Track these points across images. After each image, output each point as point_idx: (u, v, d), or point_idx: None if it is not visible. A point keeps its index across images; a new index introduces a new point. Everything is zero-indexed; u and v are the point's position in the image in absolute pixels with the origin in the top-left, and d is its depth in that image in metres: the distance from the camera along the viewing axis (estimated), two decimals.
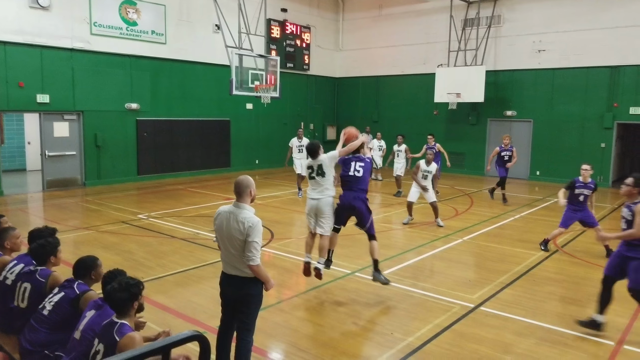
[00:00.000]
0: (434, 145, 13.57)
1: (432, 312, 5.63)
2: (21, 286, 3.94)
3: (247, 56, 14.41)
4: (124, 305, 3.20)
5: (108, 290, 3.23)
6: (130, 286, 3.22)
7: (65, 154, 13.99)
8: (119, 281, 3.25)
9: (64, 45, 13.51)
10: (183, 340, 1.65)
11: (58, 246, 4.24)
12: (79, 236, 8.84)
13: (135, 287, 3.23)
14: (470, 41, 17.90)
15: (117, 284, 3.22)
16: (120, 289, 3.19)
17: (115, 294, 3.18)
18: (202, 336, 1.72)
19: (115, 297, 3.18)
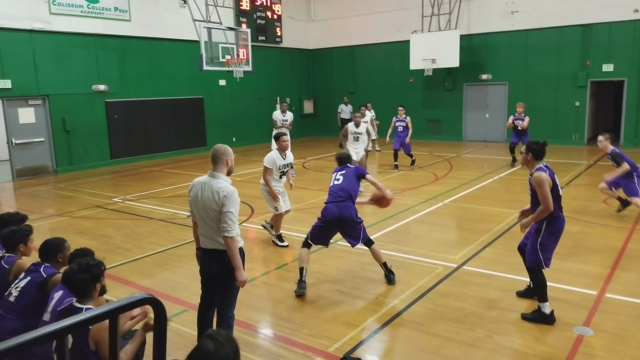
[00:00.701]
0: (404, 117, 12.78)
1: (415, 275, 5.63)
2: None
3: (216, 29, 13.96)
4: (85, 287, 3.00)
5: (66, 273, 3.03)
6: (90, 267, 3.03)
7: (33, 141, 13.50)
8: (77, 262, 3.06)
9: (22, 26, 12.88)
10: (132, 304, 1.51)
11: (30, 234, 4.08)
12: (53, 223, 8.59)
13: (96, 268, 3.05)
14: (443, 5, 17.68)
15: (76, 266, 3.02)
16: (80, 271, 2.99)
17: (75, 275, 2.97)
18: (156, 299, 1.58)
19: (75, 279, 2.97)
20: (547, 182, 4.34)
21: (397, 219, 7.98)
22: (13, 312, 3.48)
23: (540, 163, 4.50)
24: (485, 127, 17.88)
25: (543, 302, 4.43)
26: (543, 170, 4.40)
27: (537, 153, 4.50)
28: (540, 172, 4.39)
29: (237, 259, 3.66)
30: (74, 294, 3.05)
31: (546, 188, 4.32)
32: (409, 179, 11.36)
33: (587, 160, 13.38)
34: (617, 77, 15.40)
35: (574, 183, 10.43)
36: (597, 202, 8.64)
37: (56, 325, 1.32)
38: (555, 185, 4.42)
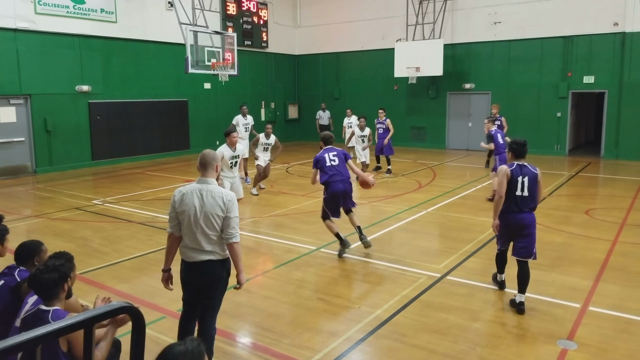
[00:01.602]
0: (384, 120, 13.09)
1: (398, 284, 5.61)
2: None
3: (202, 33, 13.85)
4: (54, 287, 2.93)
5: (34, 274, 2.95)
6: (58, 266, 2.98)
7: (13, 141, 13.20)
8: (44, 263, 3.01)
9: (6, 25, 12.65)
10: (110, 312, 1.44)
11: (6, 234, 3.93)
12: (30, 224, 8.38)
13: (63, 267, 3.01)
14: (427, 15, 17.86)
15: (43, 267, 2.97)
16: (48, 270, 2.94)
17: (43, 276, 2.92)
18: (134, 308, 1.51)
19: (43, 279, 2.91)
20: (504, 173, 4.94)
21: (381, 227, 7.97)
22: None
23: (519, 161, 5.02)
24: (468, 135, 18.05)
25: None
26: (510, 166, 4.98)
27: (516, 152, 5.06)
28: (503, 165, 5.03)
29: (241, 263, 3.66)
30: (41, 296, 2.97)
31: (501, 177, 4.95)
32: (393, 186, 11.39)
33: (569, 171, 13.58)
34: (598, 88, 15.69)
35: (556, 194, 10.55)
36: (579, 213, 8.75)
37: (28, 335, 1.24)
38: (513, 181, 4.90)
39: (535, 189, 4.96)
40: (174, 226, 3.69)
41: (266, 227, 8.16)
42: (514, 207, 4.94)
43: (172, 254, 3.82)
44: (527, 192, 4.91)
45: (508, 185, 4.92)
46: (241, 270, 3.68)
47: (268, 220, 8.62)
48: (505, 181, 4.92)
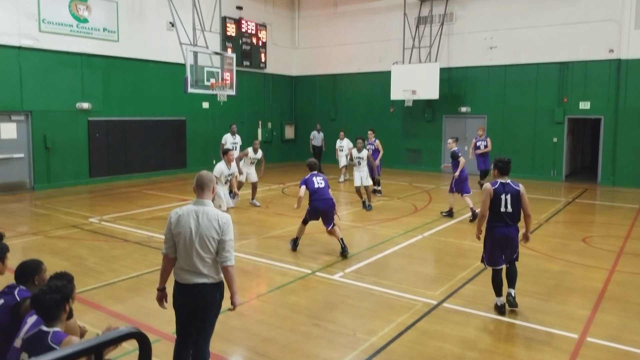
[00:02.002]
0: (373, 141, 13.38)
1: (394, 310, 5.60)
2: None
3: (202, 53, 14.06)
4: (56, 308, 2.96)
5: (36, 295, 2.98)
6: (60, 287, 3.01)
7: (13, 157, 13.24)
8: (46, 284, 3.04)
9: (10, 42, 12.81)
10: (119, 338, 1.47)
11: (6, 252, 3.95)
12: (27, 242, 8.36)
13: (65, 288, 3.04)
14: (424, 38, 18.16)
15: (45, 287, 3.00)
16: (51, 291, 2.97)
17: (45, 296, 2.94)
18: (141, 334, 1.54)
19: (46, 300, 2.93)
20: (487, 193, 5.36)
21: (376, 251, 7.98)
22: None
23: (502, 178, 5.42)
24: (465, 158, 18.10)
25: None
26: (493, 184, 5.38)
27: (501, 169, 5.47)
28: (487, 184, 5.42)
29: (235, 285, 3.69)
30: (43, 317, 2.98)
31: (485, 197, 5.39)
32: (388, 209, 11.42)
33: (566, 197, 13.65)
34: (594, 114, 15.86)
35: (553, 220, 10.58)
36: (576, 241, 8.75)
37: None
38: (496, 199, 5.30)
39: (519, 204, 5.32)
40: (169, 247, 3.70)
41: (261, 248, 8.16)
42: (500, 223, 5.34)
43: (167, 274, 3.84)
44: (510, 208, 5.31)
45: (493, 203, 5.31)
46: (235, 293, 3.71)
47: (263, 241, 8.62)
48: (489, 200, 5.33)
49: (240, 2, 19.06)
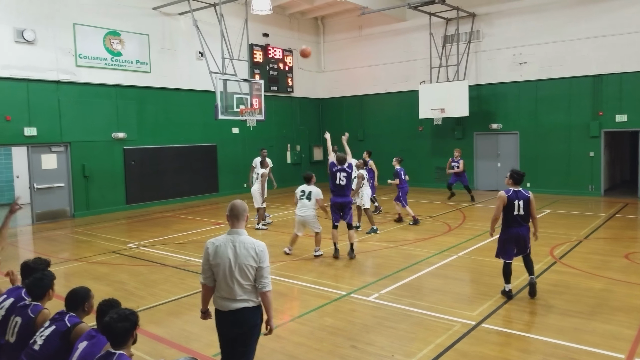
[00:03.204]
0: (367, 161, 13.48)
1: (432, 332, 5.53)
2: (13, 320, 3.80)
3: (231, 81, 14.46)
4: (125, 335, 3.16)
5: (107, 322, 3.15)
6: (129, 315, 3.21)
7: (54, 186, 13.80)
8: (116, 312, 3.21)
9: (49, 77, 13.46)
10: None
11: (54, 279, 4.14)
12: (70, 268, 8.64)
13: (133, 316, 3.23)
14: (451, 57, 18.18)
15: (115, 315, 3.18)
16: (121, 319, 3.16)
17: (116, 324, 3.13)
18: None
19: (117, 327, 3.13)
20: (501, 200, 6.34)
21: (411, 271, 7.90)
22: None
23: (515, 187, 6.39)
24: (497, 176, 17.88)
25: None
26: (506, 192, 6.36)
27: (515, 179, 6.42)
28: (502, 192, 6.40)
29: (272, 309, 3.80)
30: (113, 342, 3.15)
31: (499, 203, 6.37)
32: (421, 229, 11.32)
33: (605, 212, 13.22)
34: (632, 127, 15.42)
35: (593, 237, 10.25)
36: (618, 257, 8.45)
37: None
38: (510, 205, 6.29)
39: (528, 208, 6.31)
40: (207, 277, 3.78)
41: (295, 270, 8.19)
42: (514, 224, 6.34)
43: (208, 300, 3.94)
44: (522, 212, 6.31)
45: (507, 208, 6.31)
46: (272, 317, 3.80)
47: (297, 263, 8.66)
48: (502, 205, 6.33)
49: (267, 29, 19.58)
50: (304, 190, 8.83)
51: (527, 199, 6.33)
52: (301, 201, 8.79)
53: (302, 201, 8.78)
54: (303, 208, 8.76)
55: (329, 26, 21.95)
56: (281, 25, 20.30)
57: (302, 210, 8.77)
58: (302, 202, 8.78)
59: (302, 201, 8.78)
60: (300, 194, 8.81)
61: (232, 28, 15.22)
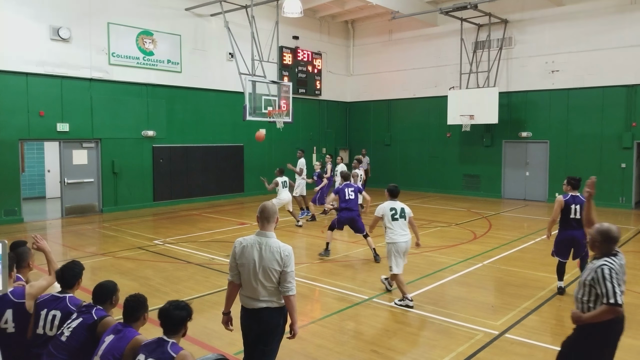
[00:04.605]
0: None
1: (454, 340, 5.45)
2: (48, 314, 3.88)
3: (260, 82, 14.59)
4: (180, 324, 3.32)
5: (166, 309, 3.32)
6: (185, 305, 3.38)
7: (84, 181, 14.17)
8: (171, 302, 3.39)
9: (83, 75, 13.83)
10: None
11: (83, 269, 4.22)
12: (96, 262, 8.84)
13: (188, 307, 3.41)
14: (481, 63, 17.94)
15: (171, 304, 3.36)
16: (178, 308, 3.33)
17: (174, 311, 3.31)
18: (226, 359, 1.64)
19: (174, 314, 3.29)
20: (559, 204, 6.80)
21: (434, 278, 7.82)
22: (64, 351, 3.54)
23: (573, 192, 6.79)
24: (526, 185, 17.57)
25: None
26: (564, 197, 6.80)
27: (573, 185, 6.86)
28: (560, 196, 6.85)
29: (296, 313, 3.81)
30: (168, 329, 3.30)
31: (557, 206, 6.82)
32: (446, 236, 11.19)
33: (636, 225, 12.84)
34: None
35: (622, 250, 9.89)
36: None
37: None
38: (567, 209, 6.75)
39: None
40: (234, 275, 3.82)
41: (318, 273, 8.20)
42: (570, 227, 6.77)
43: (232, 299, 3.96)
44: (578, 215, 6.64)
45: (564, 211, 6.74)
46: (296, 321, 3.81)
47: (320, 266, 8.67)
48: (559, 208, 6.75)
49: (297, 32, 19.70)
50: (394, 207, 6.63)
51: (583, 203, 6.20)
52: (396, 222, 6.56)
53: (398, 222, 6.56)
54: (402, 230, 6.58)
55: (359, 30, 21.95)
56: (311, 28, 20.40)
57: (402, 234, 6.54)
58: (398, 224, 6.56)
59: (398, 222, 6.56)
60: (391, 213, 6.59)
61: (263, 30, 15.37)
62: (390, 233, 6.54)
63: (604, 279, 3.42)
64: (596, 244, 3.66)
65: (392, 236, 6.52)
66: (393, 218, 6.54)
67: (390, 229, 6.53)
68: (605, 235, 3.61)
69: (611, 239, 3.60)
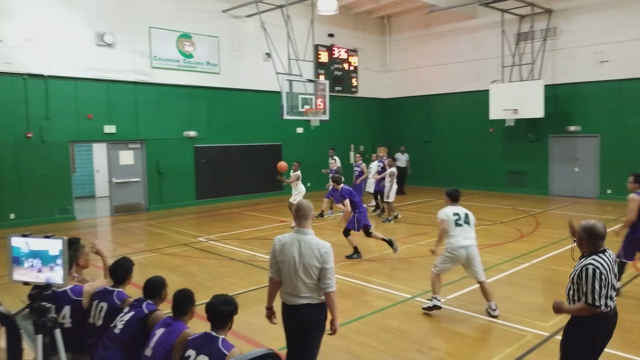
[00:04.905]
0: (359, 163, 14.69)
1: (501, 341, 5.31)
2: (98, 305, 4.06)
3: (296, 81, 14.66)
4: (227, 318, 3.35)
5: (213, 304, 3.36)
6: (232, 300, 3.41)
7: (130, 181, 14.67)
8: (217, 297, 3.42)
9: (127, 78, 14.31)
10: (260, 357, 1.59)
11: (133, 265, 4.40)
12: (144, 258, 9.13)
13: (234, 302, 3.44)
14: (525, 55, 17.36)
15: (218, 299, 3.38)
16: (225, 302, 3.37)
17: (221, 307, 3.34)
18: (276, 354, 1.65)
19: (221, 310, 3.33)
20: (635, 202, 6.47)
21: None
22: (117, 343, 3.70)
23: None
24: (575, 181, 16.89)
25: None
26: (638, 194, 6.53)
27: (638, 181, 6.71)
28: (634, 195, 6.56)
29: (337, 310, 3.82)
30: (216, 324, 3.34)
31: (632, 205, 6.48)
32: (491, 235, 10.90)
33: None
34: None
35: None
36: None
37: None
38: None
39: None
40: (274, 272, 3.89)
41: (359, 271, 8.16)
42: None
43: (273, 295, 4.03)
44: None
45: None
46: (336, 317, 3.83)
47: (360, 264, 8.63)
48: (636, 207, 6.46)
49: (332, 29, 19.67)
50: (458, 213, 6.07)
51: None
52: (460, 227, 5.99)
53: (463, 227, 6.00)
54: (465, 234, 6.00)
55: (396, 25, 21.69)
56: (346, 25, 20.33)
57: (465, 238, 5.99)
58: (463, 229, 6.00)
59: (463, 227, 6.00)
60: (455, 218, 6.02)
61: (298, 29, 15.44)
62: (452, 239, 5.97)
63: (587, 278, 3.49)
64: (583, 241, 3.66)
65: (452, 242, 5.96)
66: (457, 224, 5.97)
67: (453, 235, 5.97)
68: (591, 232, 3.59)
69: (597, 236, 3.58)
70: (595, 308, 3.46)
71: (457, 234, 5.95)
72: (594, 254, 3.56)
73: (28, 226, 11.98)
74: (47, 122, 12.88)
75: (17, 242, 2.72)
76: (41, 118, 12.80)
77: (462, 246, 5.92)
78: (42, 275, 2.69)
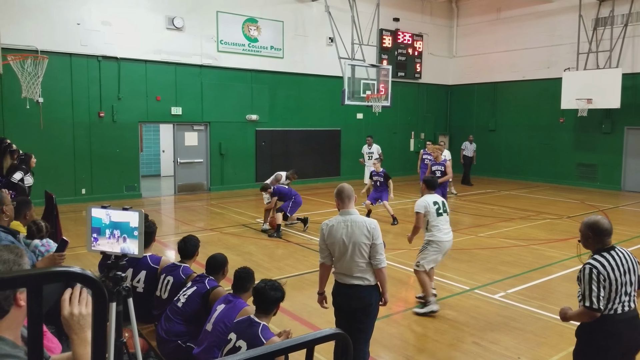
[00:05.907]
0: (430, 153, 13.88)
1: (564, 339, 5.08)
2: (165, 278, 4.29)
3: (359, 66, 14.52)
4: (273, 303, 3.35)
5: (262, 287, 3.37)
6: (279, 287, 3.39)
7: (194, 162, 15.23)
8: (265, 281, 3.40)
9: (194, 62, 14.76)
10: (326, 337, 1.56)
11: (199, 242, 4.62)
12: (205, 237, 9.44)
13: (282, 288, 3.42)
14: (602, 42, 16.21)
15: (267, 283, 3.37)
16: (274, 288, 3.36)
17: (269, 292, 3.33)
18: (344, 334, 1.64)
19: (269, 295, 3.33)
20: None
21: (543, 273, 7.33)
22: (179, 316, 3.89)
23: None
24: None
25: None
26: None
27: None
28: None
29: (387, 284, 3.90)
30: (260, 307, 3.36)
31: None
32: (556, 229, 10.41)
33: None
34: None
35: None
36: None
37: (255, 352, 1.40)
38: None
39: None
40: (325, 257, 3.94)
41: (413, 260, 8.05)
42: None
43: (325, 280, 4.09)
44: None
45: None
46: (386, 291, 3.93)
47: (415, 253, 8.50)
48: None
49: (397, 14, 19.27)
50: (436, 201, 5.76)
51: None
52: (442, 217, 5.71)
53: (443, 216, 5.72)
54: (447, 225, 5.80)
55: (464, 9, 20.90)
56: (412, 9, 19.83)
57: (446, 232, 5.77)
58: (443, 218, 5.73)
59: (443, 216, 5.72)
60: (435, 207, 5.70)
61: (363, 13, 15.24)
62: (435, 231, 5.65)
63: (583, 280, 3.24)
64: (589, 240, 3.37)
65: (437, 234, 5.66)
66: (438, 213, 5.67)
67: (436, 226, 5.65)
68: (596, 229, 3.30)
69: (602, 232, 3.30)
70: (594, 312, 3.17)
71: (440, 224, 5.70)
72: (597, 253, 3.31)
73: (97, 202, 12.74)
74: (118, 102, 13.58)
75: (97, 213, 2.87)
76: (113, 98, 13.51)
77: (445, 240, 5.74)
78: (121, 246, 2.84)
